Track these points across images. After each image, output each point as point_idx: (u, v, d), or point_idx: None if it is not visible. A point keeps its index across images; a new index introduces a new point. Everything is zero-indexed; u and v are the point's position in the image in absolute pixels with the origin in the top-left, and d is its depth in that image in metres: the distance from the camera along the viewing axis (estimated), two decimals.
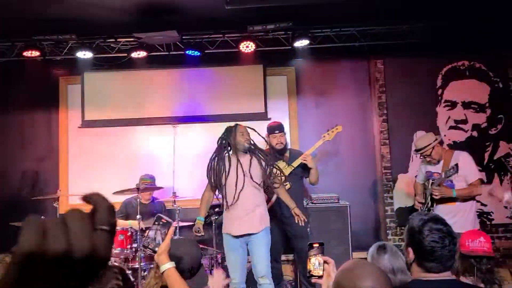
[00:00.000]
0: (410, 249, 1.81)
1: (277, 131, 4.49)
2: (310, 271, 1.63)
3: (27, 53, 5.26)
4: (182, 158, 5.61)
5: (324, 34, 5.36)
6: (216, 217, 4.87)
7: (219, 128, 5.70)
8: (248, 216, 3.71)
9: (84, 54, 5.33)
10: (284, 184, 4.37)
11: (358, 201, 5.34)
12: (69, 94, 5.82)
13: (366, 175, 5.63)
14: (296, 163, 4.43)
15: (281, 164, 4.47)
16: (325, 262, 1.62)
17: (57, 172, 5.67)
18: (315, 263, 1.63)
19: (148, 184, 4.83)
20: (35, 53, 5.28)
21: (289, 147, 4.70)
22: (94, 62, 5.53)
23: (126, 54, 5.44)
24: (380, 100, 5.62)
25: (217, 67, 5.74)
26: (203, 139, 5.73)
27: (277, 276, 4.53)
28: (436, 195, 3.98)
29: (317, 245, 1.66)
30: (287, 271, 5.13)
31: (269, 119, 5.65)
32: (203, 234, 3.94)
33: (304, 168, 4.47)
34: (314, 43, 5.38)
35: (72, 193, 5.34)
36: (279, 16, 4.94)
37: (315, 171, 4.44)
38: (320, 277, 1.61)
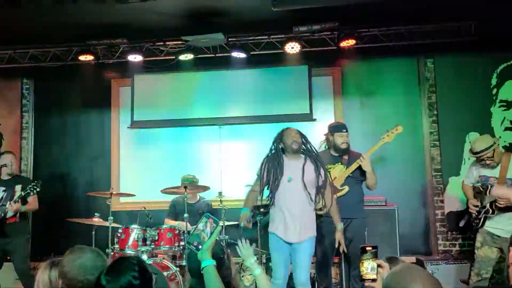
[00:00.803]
0: None
1: (344, 130, 4.35)
2: (362, 275, 1.60)
3: (82, 57, 5.54)
4: (227, 158, 5.70)
5: (371, 34, 5.26)
6: (261, 218, 4.90)
7: (264, 129, 5.78)
8: (294, 223, 3.66)
9: (135, 58, 5.53)
10: (341, 188, 4.32)
11: (406, 204, 5.20)
12: (120, 96, 6.06)
13: (414, 177, 5.47)
14: (353, 167, 4.33)
15: (339, 167, 4.40)
16: (379, 266, 1.59)
17: (108, 171, 5.91)
18: (368, 267, 1.61)
19: (189, 183, 4.90)
20: (89, 57, 5.54)
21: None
22: (143, 65, 5.72)
23: (174, 57, 5.59)
24: (430, 100, 5.44)
25: (262, 68, 5.77)
26: (248, 140, 5.79)
27: (327, 279, 4.49)
28: (501, 204, 3.82)
29: (370, 248, 1.64)
30: (333, 274, 5.07)
31: (314, 120, 5.63)
32: (250, 227, 3.94)
33: (363, 171, 4.32)
34: (361, 42, 5.29)
35: (122, 191, 5.53)
36: (325, 17, 4.91)
37: (372, 174, 4.25)
38: (373, 280, 1.59)
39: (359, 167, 4.29)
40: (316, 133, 5.50)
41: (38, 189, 4.52)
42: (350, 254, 4.45)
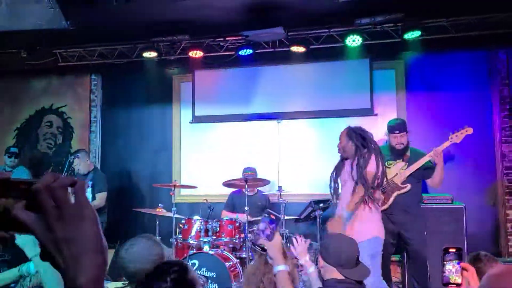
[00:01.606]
0: None
1: (396, 131, 4.26)
2: (445, 277, 1.51)
3: (146, 54, 5.74)
4: (286, 153, 5.70)
5: (438, 24, 5.03)
6: (321, 213, 4.86)
7: (324, 124, 5.73)
8: (345, 228, 3.60)
9: (195, 53, 5.66)
10: (403, 185, 4.21)
11: (475, 203, 4.95)
12: (182, 91, 6.23)
13: (484, 175, 5.19)
14: (417, 165, 4.19)
15: (399, 164, 4.29)
16: (463, 269, 1.51)
17: (170, 164, 6.10)
18: (451, 269, 1.52)
19: (249, 176, 4.96)
20: (153, 54, 5.73)
21: (410, 145, 4.40)
22: (204, 60, 5.83)
23: (233, 52, 5.65)
24: (502, 94, 5.13)
25: (322, 62, 5.70)
26: (307, 134, 5.75)
27: (386, 277, 4.39)
28: None
29: (453, 250, 1.55)
30: (395, 273, 4.94)
31: (375, 114, 5.50)
32: None
33: (426, 169, 4.20)
34: (426, 34, 5.08)
35: (183, 183, 5.69)
36: (389, 8, 4.76)
37: (442, 170, 4.14)
38: (458, 285, 1.50)
39: (421, 166, 4.17)
40: (377, 129, 5.36)
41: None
42: (411, 253, 4.33)
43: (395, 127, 4.31)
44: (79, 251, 0.61)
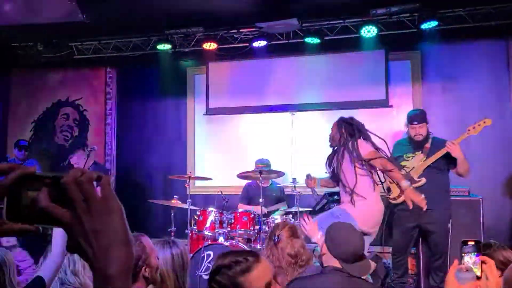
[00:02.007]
0: None
1: (415, 122, 4.20)
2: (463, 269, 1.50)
3: (160, 46, 5.77)
4: (300, 145, 5.69)
5: (455, 14, 4.95)
6: (335, 205, 4.85)
7: (338, 116, 5.68)
8: None
9: (209, 45, 5.66)
10: (418, 179, 4.18)
11: (493, 195, 4.89)
12: (196, 84, 6.24)
13: (503, 167, 5.11)
14: (435, 156, 4.15)
15: (418, 156, 4.26)
16: (482, 262, 1.49)
17: (185, 156, 6.14)
18: (469, 262, 1.51)
19: (263, 168, 4.96)
20: (167, 46, 5.76)
21: (432, 135, 4.34)
22: (218, 52, 5.84)
23: (247, 44, 5.64)
24: None
25: (337, 53, 5.66)
26: (321, 126, 5.71)
27: (402, 267, 4.39)
28: None
29: (472, 242, 1.53)
30: (410, 265, 4.92)
31: (390, 106, 5.45)
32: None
33: (449, 159, 4.13)
34: (443, 24, 5.00)
35: (197, 175, 5.72)
36: None
37: (464, 161, 4.06)
38: (477, 277, 1.48)
39: (444, 155, 4.11)
40: (392, 120, 5.34)
41: None
42: (431, 246, 4.31)
43: (414, 117, 4.25)
44: (108, 242, 0.63)
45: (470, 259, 1.50)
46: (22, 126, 6.69)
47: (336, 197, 4.83)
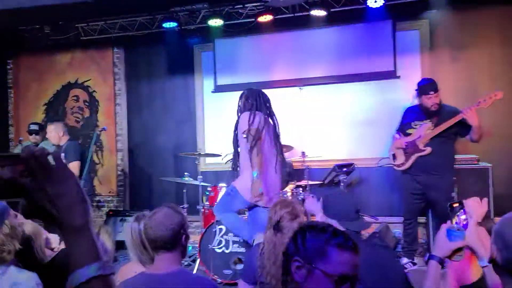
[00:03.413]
0: None
1: (432, 92, 4.14)
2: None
3: (166, 24, 5.76)
4: (308, 119, 5.70)
5: None
6: (345, 177, 4.90)
7: (346, 89, 5.68)
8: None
9: (215, 22, 5.64)
10: (423, 148, 4.18)
11: (503, 163, 4.87)
12: (203, 61, 6.24)
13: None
14: (446, 125, 4.11)
15: (426, 125, 4.25)
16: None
17: (194, 133, 6.20)
18: (458, 222, 1.57)
19: None
20: (173, 24, 5.75)
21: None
22: (224, 29, 5.81)
23: (253, 19, 5.61)
24: None
25: (343, 25, 5.60)
26: (330, 100, 5.72)
27: (411, 235, 4.45)
28: None
29: (457, 204, 1.61)
30: (420, 234, 4.98)
31: (398, 77, 5.41)
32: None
33: (461, 126, 4.08)
34: None
35: (207, 152, 5.79)
36: None
37: (479, 128, 3.99)
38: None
39: (456, 123, 4.07)
40: (400, 91, 5.31)
41: None
42: (438, 214, 4.35)
43: (430, 87, 4.17)
44: (70, 202, 0.76)
45: (458, 219, 1.57)
46: (33, 109, 6.79)
47: (345, 169, 4.87)
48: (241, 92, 5.91)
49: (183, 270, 2.04)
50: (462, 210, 1.62)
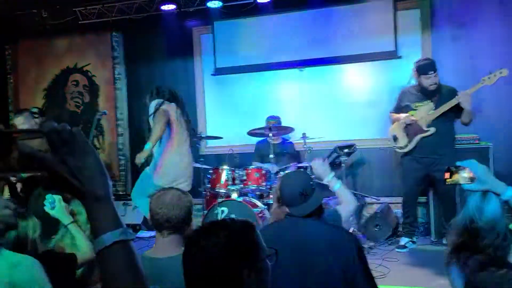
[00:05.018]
0: None
1: (431, 72, 4.14)
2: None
3: (164, 7, 5.70)
4: (309, 100, 5.69)
5: None
6: (346, 158, 4.91)
7: (347, 69, 5.65)
8: None
9: (214, 4, 5.58)
10: (427, 129, 4.19)
11: (503, 142, 4.87)
12: (202, 44, 6.19)
13: None
14: (446, 106, 4.13)
15: (428, 105, 4.24)
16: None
17: (195, 116, 6.18)
18: (464, 176, 1.59)
19: (273, 124, 5.00)
20: (171, 6, 5.70)
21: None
22: (223, 11, 5.75)
23: (252, 1, 5.55)
24: None
25: (343, 5, 5.54)
26: (330, 81, 5.70)
27: (412, 216, 4.48)
28: None
29: (454, 168, 1.62)
30: (420, 214, 5.02)
31: (400, 57, 5.38)
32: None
33: (458, 108, 4.12)
34: None
35: (208, 135, 5.79)
36: None
37: (470, 112, 4.07)
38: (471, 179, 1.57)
39: (455, 105, 4.09)
40: (401, 71, 5.28)
41: None
42: (440, 194, 4.37)
43: (429, 67, 4.16)
44: (91, 174, 0.80)
45: (462, 174, 1.59)
46: (33, 94, 6.77)
47: (346, 150, 4.88)
48: (241, 74, 5.97)
49: None
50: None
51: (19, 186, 3.58)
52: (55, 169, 0.77)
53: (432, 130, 4.19)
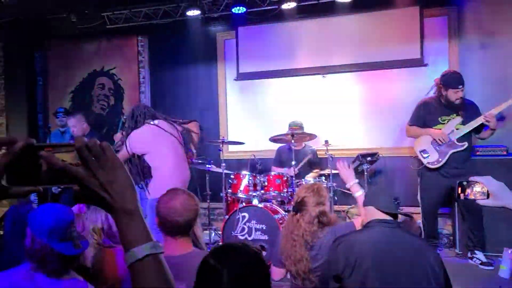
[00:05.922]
0: None
1: (460, 86, 4.08)
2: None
3: (189, 12, 5.77)
4: (332, 107, 5.65)
5: None
6: (368, 167, 4.86)
7: (371, 77, 5.59)
8: None
9: (238, 9, 5.62)
10: (461, 143, 4.13)
11: None
12: (226, 49, 6.23)
13: None
14: (474, 123, 4.06)
15: (456, 120, 4.18)
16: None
17: (217, 121, 6.23)
18: (476, 190, 1.56)
19: (295, 130, 4.98)
20: (196, 12, 5.76)
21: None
22: (247, 16, 5.78)
23: (276, 6, 5.56)
24: None
25: (369, 12, 5.49)
26: (354, 88, 5.65)
27: (432, 230, 4.40)
28: None
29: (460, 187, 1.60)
30: (445, 225, 4.92)
31: (426, 65, 5.30)
32: None
33: (479, 126, 4.09)
34: None
35: (230, 140, 5.81)
36: None
37: (493, 131, 4.05)
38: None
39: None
40: (426, 79, 5.19)
41: None
42: (465, 206, 4.28)
43: (459, 81, 4.10)
44: (121, 188, 0.82)
45: (475, 188, 1.57)
46: (61, 97, 6.94)
47: (369, 158, 4.83)
48: (264, 79, 5.98)
49: (196, 250, 2.07)
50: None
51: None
52: (86, 183, 0.79)
53: (466, 144, 4.13)
